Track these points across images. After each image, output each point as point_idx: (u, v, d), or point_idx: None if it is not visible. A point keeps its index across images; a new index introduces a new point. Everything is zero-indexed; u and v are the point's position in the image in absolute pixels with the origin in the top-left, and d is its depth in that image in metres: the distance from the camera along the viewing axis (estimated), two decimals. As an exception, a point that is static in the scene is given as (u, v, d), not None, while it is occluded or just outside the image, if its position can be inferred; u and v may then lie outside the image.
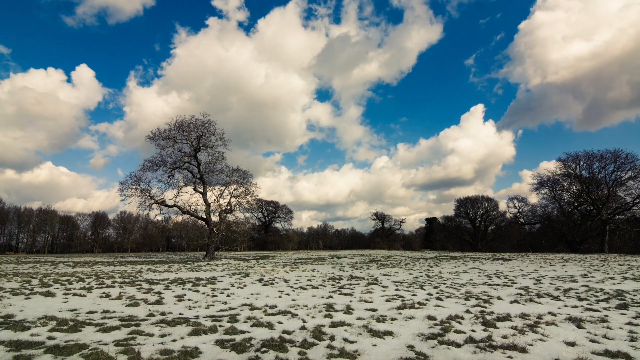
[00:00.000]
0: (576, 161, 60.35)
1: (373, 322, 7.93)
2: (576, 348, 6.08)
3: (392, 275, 18.40)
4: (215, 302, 10.57)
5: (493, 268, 22.53)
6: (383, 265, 26.84)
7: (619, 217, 56.67)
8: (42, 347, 5.87)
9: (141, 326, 7.39)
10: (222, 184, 42.38)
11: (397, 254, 53.19)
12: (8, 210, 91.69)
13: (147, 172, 39.37)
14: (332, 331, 7.07)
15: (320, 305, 9.96)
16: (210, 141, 40.65)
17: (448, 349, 5.94)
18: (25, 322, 7.58)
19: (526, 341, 6.36)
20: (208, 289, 13.46)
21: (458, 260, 32.99)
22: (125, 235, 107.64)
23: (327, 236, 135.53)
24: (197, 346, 5.98)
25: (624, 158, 54.93)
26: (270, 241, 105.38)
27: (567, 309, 9.47)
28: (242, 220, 44.49)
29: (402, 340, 6.52)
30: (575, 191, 61.80)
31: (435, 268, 23.21)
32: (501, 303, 10.35)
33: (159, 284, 14.64)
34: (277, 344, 6.08)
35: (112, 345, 5.96)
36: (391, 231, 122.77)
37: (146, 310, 9.28)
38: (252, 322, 7.80)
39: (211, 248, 38.77)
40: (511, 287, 13.72)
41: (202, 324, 7.52)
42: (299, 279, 16.95)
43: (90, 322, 7.72)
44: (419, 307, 9.64)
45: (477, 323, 7.76)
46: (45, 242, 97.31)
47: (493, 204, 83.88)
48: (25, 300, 10.81)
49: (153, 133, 39.30)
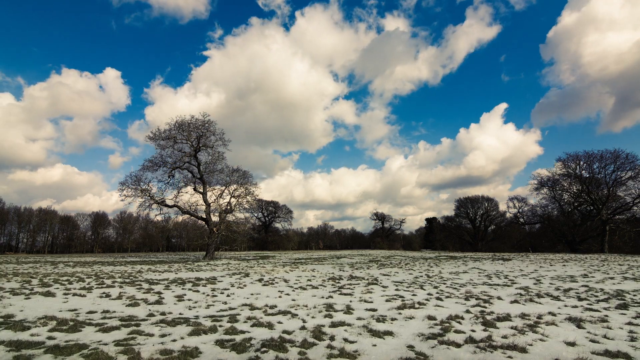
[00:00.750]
0: (576, 161, 60.37)
1: (373, 322, 7.93)
2: (576, 348, 6.08)
3: (392, 275, 18.40)
4: (215, 302, 10.57)
5: (493, 268, 22.53)
6: (383, 265, 26.84)
7: (619, 217, 56.69)
8: (42, 347, 5.87)
9: (141, 326, 7.39)
10: (222, 184, 42.43)
11: (397, 254, 53.19)
12: (8, 210, 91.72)
13: (147, 172, 39.42)
14: (332, 331, 7.07)
15: (320, 305, 9.96)
16: (210, 141, 40.68)
17: (448, 349, 5.94)
18: (26, 322, 7.58)
19: (526, 341, 6.36)
20: (208, 289, 13.46)
21: (458, 260, 32.99)
22: (125, 235, 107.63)
23: (327, 236, 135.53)
24: (197, 346, 5.99)
25: (623, 158, 54.98)
26: (270, 241, 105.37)
27: (567, 309, 9.47)
28: (242, 220, 44.50)
29: (402, 340, 6.52)
30: (575, 191, 61.80)
31: (435, 268, 23.20)
32: (501, 303, 10.35)
33: (159, 284, 14.64)
34: (277, 344, 6.08)
35: (112, 345, 5.96)
36: (391, 231, 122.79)
37: (146, 311, 9.28)
38: (252, 322, 7.81)
39: (211, 248, 38.76)
40: (511, 287, 13.72)
41: (202, 324, 7.52)
42: (299, 279, 16.95)
43: (90, 322, 7.73)
44: (419, 307, 9.64)
45: (477, 323, 7.76)
46: (45, 242, 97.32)
47: (493, 204, 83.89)
48: (25, 300, 10.81)
49: (153, 133, 39.33)
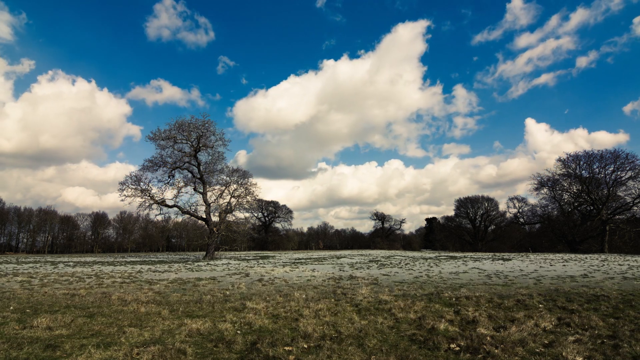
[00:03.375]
0: (576, 161, 60.43)
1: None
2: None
3: (392, 276, 18.39)
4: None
5: (493, 268, 22.52)
6: (383, 265, 26.83)
7: (619, 217, 56.74)
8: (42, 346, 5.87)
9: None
10: (222, 184, 42.45)
11: (397, 254, 53.19)
12: (8, 210, 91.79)
13: (147, 172, 39.49)
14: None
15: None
16: (210, 141, 40.70)
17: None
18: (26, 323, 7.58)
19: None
20: (208, 289, 13.45)
21: (458, 260, 32.98)
22: (125, 235, 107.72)
23: (327, 236, 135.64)
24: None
25: (623, 158, 55.03)
26: (270, 241, 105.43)
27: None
28: (242, 220, 44.51)
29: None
30: (575, 191, 61.84)
31: (435, 268, 23.20)
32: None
33: (158, 284, 14.64)
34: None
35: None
36: (391, 231, 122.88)
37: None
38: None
39: (211, 248, 38.79)
40: (511, 287, 13.72)
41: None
42: (299, 279, 16.95)
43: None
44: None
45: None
46: (45, 242, 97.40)
47: (493, 204, 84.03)
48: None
49: (153, 133, 39.43)
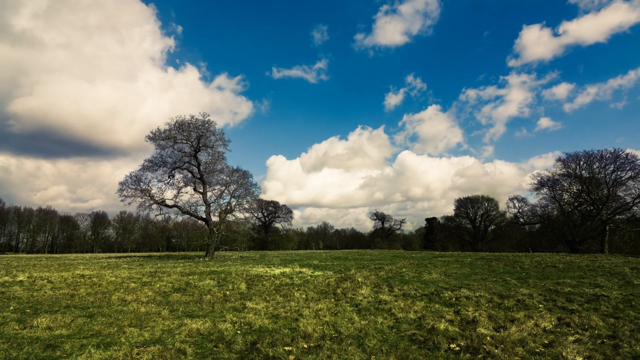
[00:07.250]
0: (576, 161, 60.33)
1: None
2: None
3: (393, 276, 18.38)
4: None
5: (493, 268, 22.50)
6: (383, 265, 26.81)
7: (619, 217, 56.63)
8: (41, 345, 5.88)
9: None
10: (222, 184, 42.36)
11: (398, 254, 53.13)
12: (8, 210, 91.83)
13: (147, 172, 39.35)
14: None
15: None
16: (210, 141, 40.60)
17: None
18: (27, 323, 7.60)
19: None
20: (208, 289, 13.44)
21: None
22: (125, 235, 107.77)
23: (327, 236, 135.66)
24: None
25: (623, 158, 54.90)
26: (270, 241, 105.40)
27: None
28: (242, 220, 44.48)
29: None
30: (575, 191, 61.78)
31: (436, 269, 23.18)
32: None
33: (158, 284, 14.61)
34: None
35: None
36: (391, 231, 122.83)
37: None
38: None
39: (211, 248, 38.76)
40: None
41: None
42: (299, 278, 16.92)
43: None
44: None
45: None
46: (45, 242, 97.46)
47: (493, 204, 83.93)
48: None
49: (153, 133, 39.18)
